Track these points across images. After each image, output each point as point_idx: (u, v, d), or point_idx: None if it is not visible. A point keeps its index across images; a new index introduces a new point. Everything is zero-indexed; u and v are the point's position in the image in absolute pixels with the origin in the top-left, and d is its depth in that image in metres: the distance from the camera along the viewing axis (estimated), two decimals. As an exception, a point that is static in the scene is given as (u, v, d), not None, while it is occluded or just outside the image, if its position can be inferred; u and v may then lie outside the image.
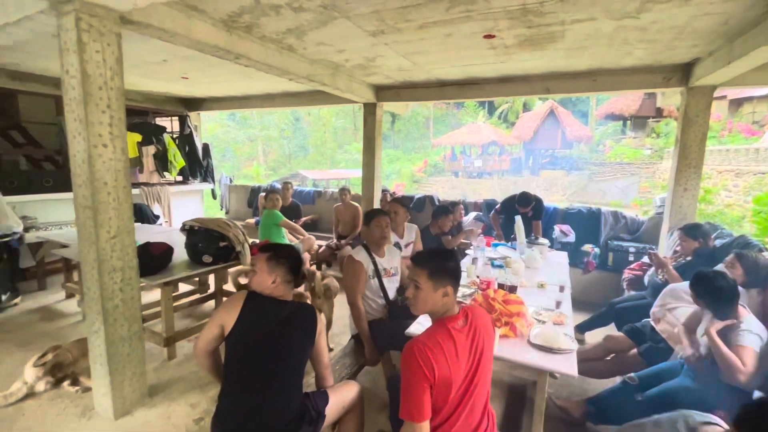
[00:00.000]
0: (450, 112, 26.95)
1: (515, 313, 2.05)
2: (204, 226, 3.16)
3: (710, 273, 1.99)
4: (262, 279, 1.62)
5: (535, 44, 3.07)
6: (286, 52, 3.39)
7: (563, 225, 4.63)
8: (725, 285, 1.91)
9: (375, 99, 4.99)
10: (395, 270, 2.65)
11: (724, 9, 2.33)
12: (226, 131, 22.18)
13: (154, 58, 3.90)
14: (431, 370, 1.23)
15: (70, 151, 2.14)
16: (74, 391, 2.53)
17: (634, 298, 3.18)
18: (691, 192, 3.75)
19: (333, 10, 2.47)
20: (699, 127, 3.63)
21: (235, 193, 7.27)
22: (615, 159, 19.78)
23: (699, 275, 2.00)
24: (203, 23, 2.63)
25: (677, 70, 3.61)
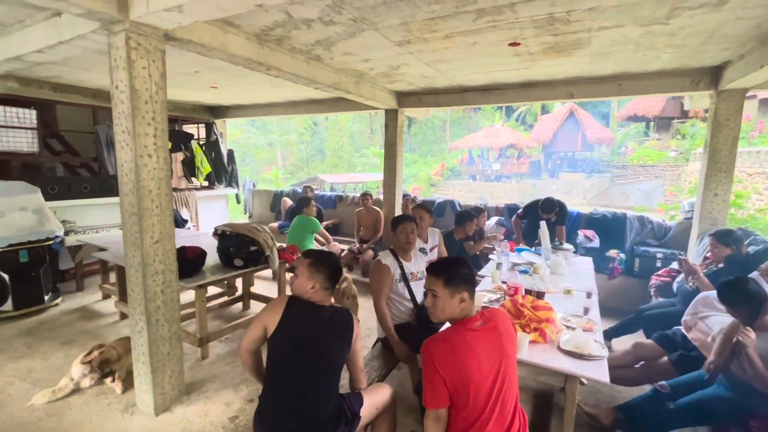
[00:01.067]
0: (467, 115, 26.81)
1: (544, 319, 2.07)
2: (235, 231, 3.28)
3: (737, 279, 1.98)
4: (302, 283, 1.70)
5: (560, 51, 3.08)
6: (314, 62, 3.50)
7: (587, 230, 4.58)
8: (754, 290, 1.89)
9: (397, 105, 5.06)
10: (422, 274, 2.70)
11: (758, 13, 2.30)
12: (246, 137, 22.69)
13: (187, 69, 4.07)
14: (441, 365, 1.34)
15: (118, 161, 2.28)
16: (117, 389, 2.66)
17: (663, 305, 3.13)
18: (722, 197, 3.67)
19: (362, 22, 2.55)
20: (730, 131, 3.55)
21: (258, 197, 7.45)
22: (638, 161, 19.27)
23: (726, 283, 2.00)
24: (237, 37, 2.76)
25: (706, 73, 3.55)
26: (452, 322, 1.48)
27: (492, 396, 1.38)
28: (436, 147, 25.85)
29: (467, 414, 1.37)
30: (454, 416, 1.40)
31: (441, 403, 1.37)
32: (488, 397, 1.37)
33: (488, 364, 1.38)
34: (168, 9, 1.92)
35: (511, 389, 1.44)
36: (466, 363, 1.35)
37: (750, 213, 5.32)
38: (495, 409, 1.39)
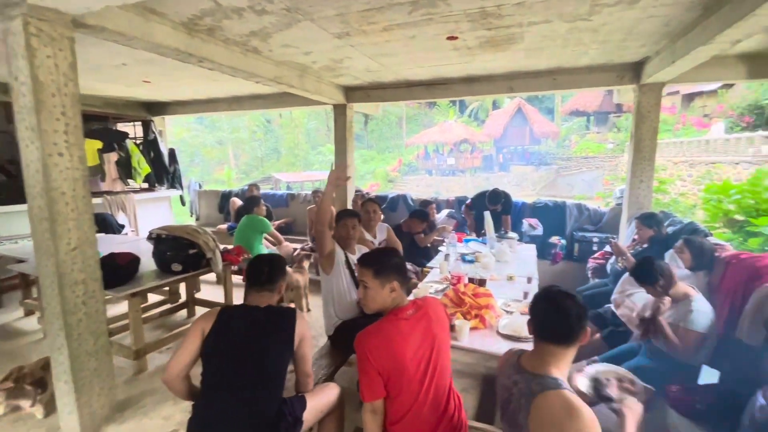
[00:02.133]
0: (422, 112, 27.22)
1: (484, 306, 2.13)
2: (172, 234, 3.08)
3: (643, 260, 2.20)
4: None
5: (496, 45, 3.18)
6: (252, 54, 3.36)
7: (531, 219, 4.80)
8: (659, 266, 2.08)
9: (344, 100, 5.00)
10: None
11: (665, 12, 2.50)
12: (193, 135, 21.53)
13: (114, 62, 3.76)
14: (374, 357, 1.34)
15: (23, 161, 2.05)
16: (38, 414, 2.42)
17: (597, 286, 3.35)
18: (647, 183, 3.98)
19: (296, 12, 2.47)
20: (651, 122, 3.86)
21: (205, 198, 7.09)
22: (580, 153, 20.58)
23: (636, 266, 2.21)
24: (162, 26, 2.57)
25: (629, 68, 3.82)
26: (384, 312, 1.47)
27: (425, 382, 1.39)
28: (393, 143, 26.02)
29: (402, 402, 1.37)
30: (389, 406, 1.40)
31: (377, 395, 1.37)
32: (421, 384, 1.38)
33: (420, 351, 1.40)
34: (71, -9, 1.74)
35: (444, 374, 1.46)
36: (399, 352, 1.35)
37: (673, 198, 5.84)
38: (429, 395, 1.40)
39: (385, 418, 1.43)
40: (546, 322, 1.19)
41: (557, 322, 1.16)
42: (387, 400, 1.40)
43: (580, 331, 1.16)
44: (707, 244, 2.41)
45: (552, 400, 1.07)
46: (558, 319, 1.15)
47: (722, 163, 12.48)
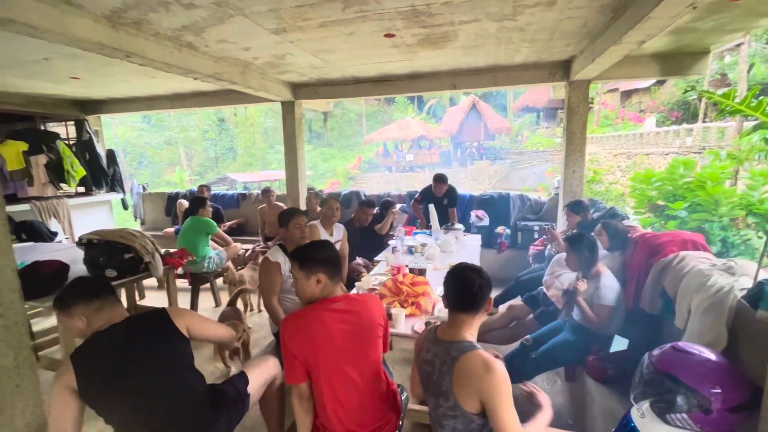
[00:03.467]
0: (381, 109, 27.39)
1: (421, 293, 2.22)
2: (105, 239, 2.93)
3: (579, 232, 2.38)
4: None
5: (434, 43, 3.28)
6: (186, 49, 3.25)
7: (478, 210, 5.01)
8: (591, 240, 2.28)
9: (292, 97, 4.95)
10: None
11: (581, 14, 2.70)
12: (138, 135, 20.32)
13: (34, 56, 3.49)
14: (291, 340, 1.41)
15: None
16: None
17: (535, 271, 3.58)
18: (579, 173, 4.27)
19: (227, 7, 2.43)
20: (580, 116, 4.15)
21: (151, 201, 6.75)
22: (532, 148, 21.63)
23: (572, 236, 2.37)
24: (81, 18, 2.43)
25: (559, 66, 4.09)
26: (313, 302, 1.51)
27: (348, 374, 1.43)
28: (353, 141, 25.98)
29: (324, 389, 1.42)
30: (316, 393, 1.44)
31: (298, 378, 1.42)
32: (344, 375, 1.43)
33: (342, 343, 1.43)
34: (-37, -21, 1.61)
35: (371, 367, 1.50)
36: (315, 339, 1.40)
37: (606, 187, 6.32)
38: (355, 385, 1.44)
39: (316, 406, 1.47)
40: (455, 293, 1.33)
41: (464, 291, 1.30)
42: (314, 387, 1.44)
43: (483, 300, 1.32)
44: (621, 227, 2.65)
45: (471, 360, 1.23)
46: (464, 289, 1.30)
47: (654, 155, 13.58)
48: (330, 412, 1.42)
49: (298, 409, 1.45)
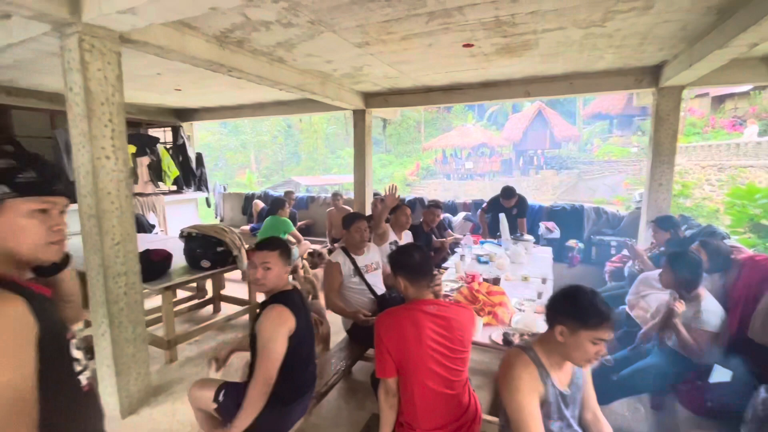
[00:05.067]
0: (440, 116, 27.25)
1: (497, 303, 2.21)
2: (201, 232, 3.28)
3: (684, 249, 2.20)
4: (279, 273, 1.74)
5: (512, 51, 3.26)
6: (277, 63, 3.55)
7: (548, 222, 4.81)
8: (696, 259, 2.10)
9: (364, 106, 5.15)
10: (377, 264, 2.82)
11: (681, 17, 2.53)
12: (218, 139, 22.25)
13: (149, 72, 4.03)
14: (385, 335, 1.50)
15: (74, 163, 2.27)
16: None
17: (614, 288, 3.36)
18: (666, 186, 3.95)
19: (320, 25, 2.63)
20: (670, 125, 3.84)
21: (229, 201, 7.38)
22: (603, 157, 20.15)
23: (674, 253, 2.20)
24: (197, 39, 2.78)
25: (647, 72, 3.82)
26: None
27: (436, 377, 1.47)
28: (411, 147, 26.12)
29: (412, 388, 1.47)
30: (402, 391, 1.50)
31: (387, 372, 1.49)
32: (432, 376, 1.47)
33: (433, 345, 1.47)
34: (121, 11, 1.94)
35: (458, 373, 1.53)
36: (408, 336, 1.47)
37: (696, 202, 5.72)
38: (441, 388, 1.48)
39: (401, 403, 1.54)
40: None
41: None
42: (402, 385, 1.50)
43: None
44: (723, 247, 2.41)
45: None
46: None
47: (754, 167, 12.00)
48: (417, 411, 1.48)
49: (383, 403, 1.52)
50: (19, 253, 0.80)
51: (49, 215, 0.83)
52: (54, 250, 0.84)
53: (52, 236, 0.83)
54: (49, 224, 0.83)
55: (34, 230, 0.81)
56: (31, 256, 0.82)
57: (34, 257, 0.82)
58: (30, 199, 0.81)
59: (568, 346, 1.24)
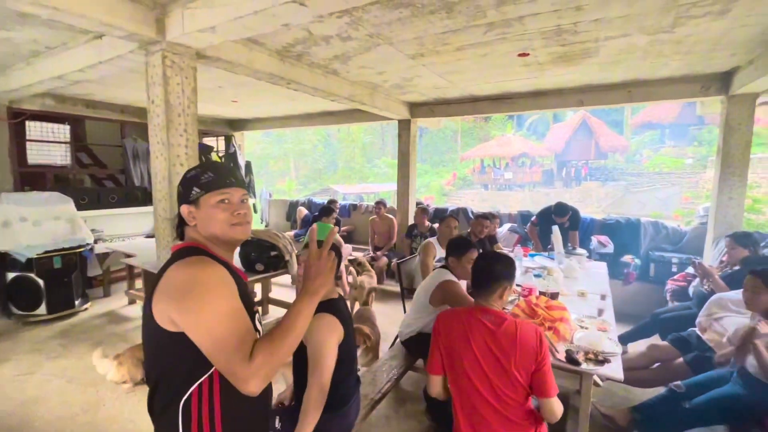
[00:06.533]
0: (477, 125, 26.91)
1: (558, 318, 2.13)
2: (256, 237, 3.42)
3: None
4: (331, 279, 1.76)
5: (569, 60, 3.18)
6: (331, 75, 3.67)
7: (601, 236, 4.60)
8: None
9: (409, 115, 5.20)
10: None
11: (762, 21, 2.37)
12: (262, 147, 23.23)
13: (211, 85, 4.30)
14: (439, 333, 1.57)
15: (152, 170, 2.45)
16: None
17: (679, 309, 3.14)
18: (737, 201, 3.66)
19: (378, 38, 2.71)
20: (742, 135, 3.57)
21: (274, 207, 7.66)
22: (654, 169, 19.01)
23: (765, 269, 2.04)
24: (261, 54, 2.94)
25: (716, 79, 3.60)
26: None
27: (483, 389, 1.46)
28: (447, 157, 25.96)
29: (459, 393, 1.50)
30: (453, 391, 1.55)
31: (433, 368, 1.57)
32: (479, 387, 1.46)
33: (479, 355, 1.46)
34: (202, 30, 2.10)
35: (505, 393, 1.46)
36: (456, 339, 1.50)
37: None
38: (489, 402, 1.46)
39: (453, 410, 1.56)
40: None
41: None
42: (450, 388, 1.56)
43: None
44: (815, 267, 2.19)
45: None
46: None
47: (832, 182, 10.88)
48: (460, 418, 1.49)
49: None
50: (216, 235, 1.04)
51: (230, 203, 1.04)
52: (239, 230, 1.05)
53: (234, 219, 1.04)
54: (231, 210, 1.04)
55: (220, 216, 1.03)
56: (224, 236, 1.04)
57: (227, 236, 1.05)
58: (213, 193, 1.03)
59: None
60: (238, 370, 0.89)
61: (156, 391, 1.02)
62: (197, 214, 1.04)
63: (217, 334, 0.90)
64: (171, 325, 0.94)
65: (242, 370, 0.89)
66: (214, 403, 0.99)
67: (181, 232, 1.11)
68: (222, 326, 0.91)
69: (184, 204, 1.05)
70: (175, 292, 0.94)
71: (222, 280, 0.96)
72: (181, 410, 0.97)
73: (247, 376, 0.89)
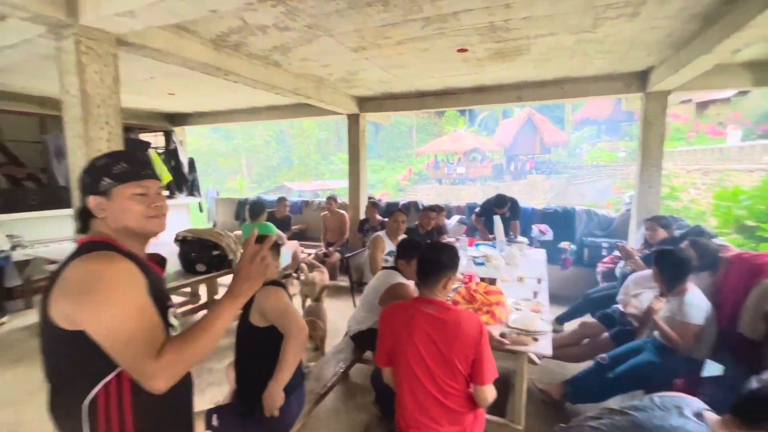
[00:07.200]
0: (432, 121, 27.50)
1: (495, 303, 2.24)
2: (197, 236, 3.26)
3: (671, 248, 2.25)
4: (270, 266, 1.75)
5: (505, 56, 3.32)
6: (272, 67, 3.57)
7: (541, 224, 4.88)
8: (684, 257, 2.16)
9: (358, 110, 5.19)
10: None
11: (667, 23, 2.61)
12: (209, 144, 22.11)
13: (142, 76, 4.01)
14: (383, 325, 1.62)
15: (71, 166, 2.25)
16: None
17: (606, 288, 3.42)
18: (655, 189, 4.04)
19: (317, 29, 2.66)
20: (657, 128, 3.94)
21: (222, 205, 7.33)
22: (592, 162, 20.51)
23: (663, 250, 2.26)
24: (193, 42, 2.78)
25: (635, 77, 3.93)
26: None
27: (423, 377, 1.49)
28: (403, 153, 26.28)
29: (401, 382, 1.53)
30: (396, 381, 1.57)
31: (379, 360, 1.61)
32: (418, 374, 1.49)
33: (420, 345, 1.48)
34: (119, 14, 1.94)
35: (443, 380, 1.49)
36: (399, 331, 1.53)
37: (684, 204, 5.86)
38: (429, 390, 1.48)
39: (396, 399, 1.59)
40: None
41: None
42: (394, 378, 1.59)
43: None
44: (712, 245, 2.48)
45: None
46: None
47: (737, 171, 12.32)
48: (404, 407, 1.52)
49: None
50: (130, 228, 1.01)
51: (147, 196, 1.03)
52: (156, 222, 1.04)
53: (150, 212, 1.03)
54: (147, 203, 1.02)
55: (137, 208, 1.01)
56: (140, 229, 1.02)
57: (143, 230, 1.03)
58: (129, 184, 1.00)
59: None
60: (143, 367, 0.87)
61: (57, 392, 0.97)
62: (108, 206, 0.99)
63: (120, 332, 0.88)
64: (68, 323, 0.90)
65: (147, 367, 0.87)
66: (124, 404, 0.94)
67: (84, 224, 1.04)
68: (126, 323, 0.88)
69: (92, 195, 1.00)
70: (76, 288, 0.90)
71: (127, 275, 0.93)
72: (86, 412, 0.92)
73: (151, 373, 0.87)
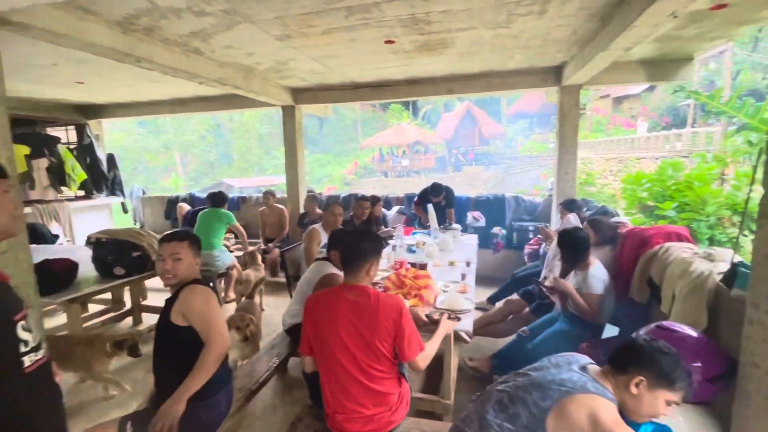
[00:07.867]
0: (376, 115, 27.62)
1: (423, 286, 2.33)
2: (113, 237, 3.01)
3: (571, 228, 2.48)
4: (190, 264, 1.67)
5: (431, 49, 3.43)
6: (193, 55, 3.36)
7: (475, 212, 5.14)
8: (582, 236, 2.39)
9: (293, 101, 5.07)
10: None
11: (570, 22, 2.86)
12: (135, 140, 20.31)
13: (42, 61, 3.58)
14: (306, 314, 1.60)
15: (-58, 163, 1.95)
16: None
17: (530, 268, 3.70)
18: (571, 175, 4.43)
19: (235, 14, 2.55)
20: (572, 120, 4.31)
21: (150, 205, 6.81)
22: (526, 153, 21.92)
23: (562, 231, 2.49)
24: (96, 25, 2.54)
25: (551, 72, 4.25)
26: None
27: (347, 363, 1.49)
28: (348, 146, 26.14)
29: (324, 369, 1.54)
30: (320, 369, 1.57)
31: (304, 350, 1.61)
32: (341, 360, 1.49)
33: (344, 332, 1.49)
34: (-7, -13, 1.72)
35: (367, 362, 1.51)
36: (321, 319, 1.54)
37: (599, 189, 6.52)
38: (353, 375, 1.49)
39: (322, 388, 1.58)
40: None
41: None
42: (318, 366, 1.58)
43: None
44: (608, 223, 2.78)
45: None
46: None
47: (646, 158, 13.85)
48: (328, 393, 1.53)
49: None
50: None
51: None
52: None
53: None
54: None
55: None
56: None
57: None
58: None
59: (641, 399, 1.15)
60: None
61: None
62: None
63: None
64: None
65: None
66: None
67: None
68: None
69: None
70: None
71: None
72: None
73: None
